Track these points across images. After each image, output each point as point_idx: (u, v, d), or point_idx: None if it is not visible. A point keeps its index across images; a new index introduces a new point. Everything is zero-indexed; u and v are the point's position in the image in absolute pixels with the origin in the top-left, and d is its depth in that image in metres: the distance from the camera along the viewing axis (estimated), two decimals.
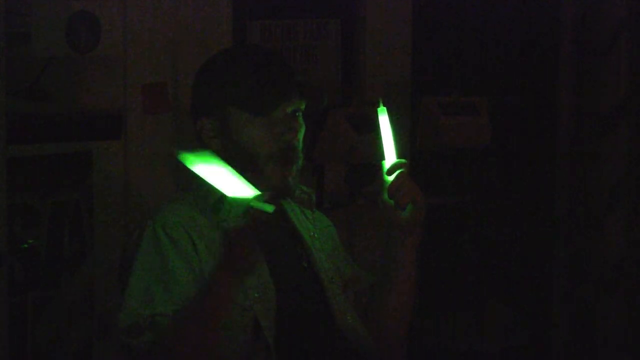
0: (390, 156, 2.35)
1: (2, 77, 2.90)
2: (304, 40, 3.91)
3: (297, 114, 2.30)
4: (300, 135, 2.31)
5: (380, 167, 2.35)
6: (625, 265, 4.27)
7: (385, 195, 2.33)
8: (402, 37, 4.06)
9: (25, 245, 3.23)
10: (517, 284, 4.46)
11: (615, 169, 4.27)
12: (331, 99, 3.92)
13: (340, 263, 2.45)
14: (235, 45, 3.49)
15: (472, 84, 4.22)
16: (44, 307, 3.26)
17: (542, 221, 4.47)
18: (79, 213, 3.35)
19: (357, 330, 2.35)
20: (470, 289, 4.29)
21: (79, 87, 3.34)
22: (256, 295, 2.22)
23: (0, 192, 2.91)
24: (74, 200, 3.34)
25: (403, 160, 2.33)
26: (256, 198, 2.04)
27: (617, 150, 4.27)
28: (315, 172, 3.81)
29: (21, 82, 3.22)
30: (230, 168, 2.05)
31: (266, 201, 2.04)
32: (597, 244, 4.30)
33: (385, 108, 2.35)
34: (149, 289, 2.15)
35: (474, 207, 4.24)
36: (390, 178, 2.32)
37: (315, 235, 2.41)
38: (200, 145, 2.30)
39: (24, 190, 3.22)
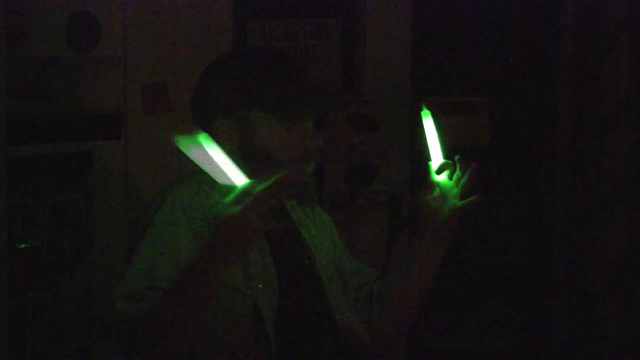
0: (437, 157, 2.36)
1: (2, 77, 2.90)
2: (304, 40, 3.91)
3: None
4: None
5: (427, 168, 2.37)
6: (625, 265, 4.27)
7: (429, 195, 2.35)
8: (402, 37, 4.06)
9: (25, 245, 3.23)
10: (517, 284, 4.46)
11: (615, 169, 4.27)
12: (331, 98, 3.92)
13: (340, 259, 2.46)
14: (248, 48, 3.48)
15: (472, 84, 4.22)
16: (44, 307, 3.26)
17: (542, 221, 4.47)
18: (79, 213, 3.35)
19: (355, 329, 2.37)
20: (470, 289, 4.29)
21: (79, 87, 3.34)
22: (260, 286, 2.22)
23: (1, 192, 2.91)
24: (74, 200, 3.34)
25: (450, 162, 2.36)
26: (249, 185, 1.99)
27: (617, 150, 4.26)
28: (315, 172, 3.82)
29: (21, 82, 3.22)
30: (222, 152, 2.01)
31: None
32: (597, 244, 4.30)
33: (429, 112, 2.38)
34: (156, 263, 2.13)
35: (473, 207, 4.24)
36: (439, 178, 2.35)
37: (314, 233, 2.42)
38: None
39: (24, 190, 3.22)
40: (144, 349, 2.08)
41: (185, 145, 1.97)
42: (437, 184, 2.38)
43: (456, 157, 2.37)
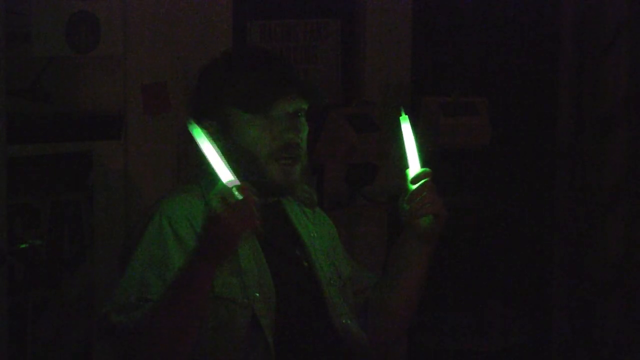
0: (414, 164, 2.34)
1: (2, 77, 2.90)
2: (304, 40, 3.91)
3: (299, 114, 2.30)
4: (303, 135, 2.30)
5: (405, 174, 2.34)
6: (625, 265, 4.27)
7: (407, 203, 2.33)
8: (402, 37, 4.06)
9: (25, 245, 3.23)
10: (517, 284, 4.46)
11: (615, 169, 4.27)
12: (331, 99, 3.92)
13: (339, 263, 2.45)
14: (235, 47, 3.49)
15: (472, 84, 4.22)
16: (44, 307, 3.26)
17: (542, 221, 4.47)
18: (79, 213, 3.35)
19: (353, 333, 2.36)
20: (470, 289, 4.29)
21: (79, 87, 3.34)
22: (257, 294, 2.23)
23: (0, 192, 2.91)
24: (74, 200, 3.34)
25: (427, 170, 2.33)
26: (227, 182, 2.05)
27: (617, 150, 4.27)
28: (315, 172, 3.82)
29: (21, 82, 3.22)
30: (218, 151, 2.07)
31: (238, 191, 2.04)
32: (597, 244, 4.30)
33: (407, 116, 2.35)
34: (146, 276, 2.16)
35: (473, 207, 4.24)
36: (415, 186, 2.32)
37: (314, 235, 2.41)
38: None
39: (24, 190, 3.22)
40: (139, 358, 2.09)
41: (198, 134, 2.07)
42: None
43: (421, 170, 2.34)
